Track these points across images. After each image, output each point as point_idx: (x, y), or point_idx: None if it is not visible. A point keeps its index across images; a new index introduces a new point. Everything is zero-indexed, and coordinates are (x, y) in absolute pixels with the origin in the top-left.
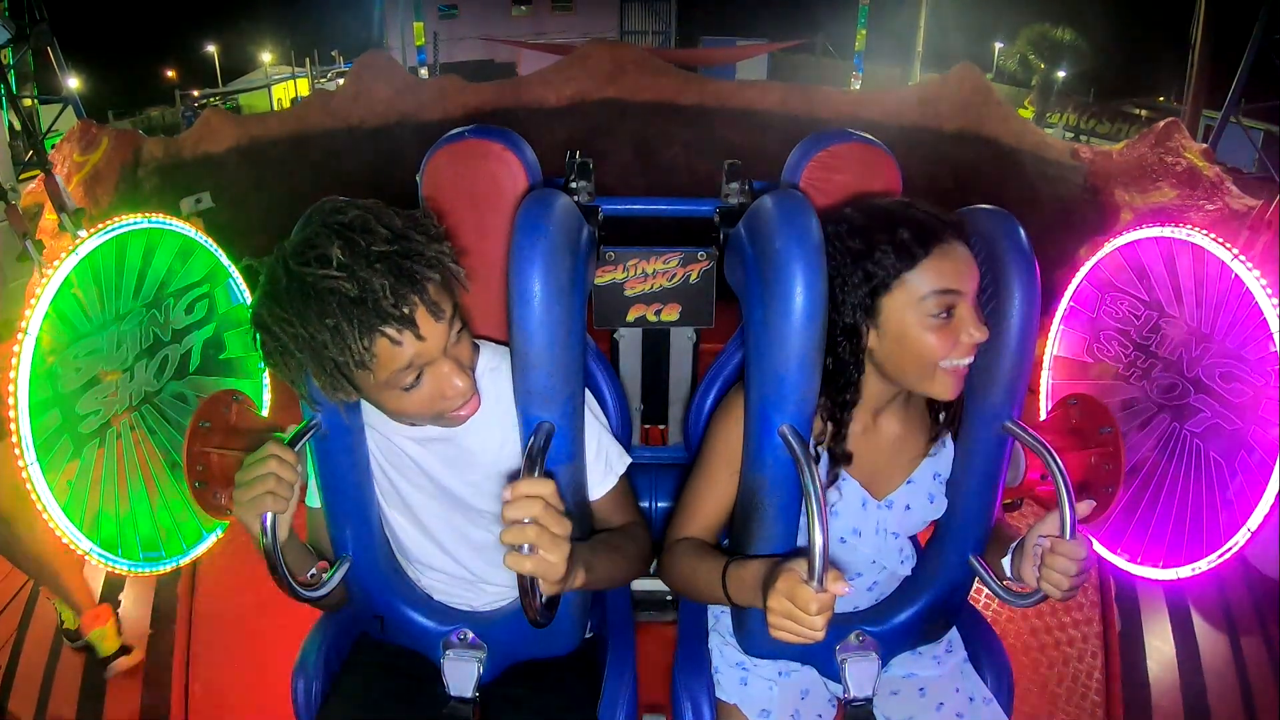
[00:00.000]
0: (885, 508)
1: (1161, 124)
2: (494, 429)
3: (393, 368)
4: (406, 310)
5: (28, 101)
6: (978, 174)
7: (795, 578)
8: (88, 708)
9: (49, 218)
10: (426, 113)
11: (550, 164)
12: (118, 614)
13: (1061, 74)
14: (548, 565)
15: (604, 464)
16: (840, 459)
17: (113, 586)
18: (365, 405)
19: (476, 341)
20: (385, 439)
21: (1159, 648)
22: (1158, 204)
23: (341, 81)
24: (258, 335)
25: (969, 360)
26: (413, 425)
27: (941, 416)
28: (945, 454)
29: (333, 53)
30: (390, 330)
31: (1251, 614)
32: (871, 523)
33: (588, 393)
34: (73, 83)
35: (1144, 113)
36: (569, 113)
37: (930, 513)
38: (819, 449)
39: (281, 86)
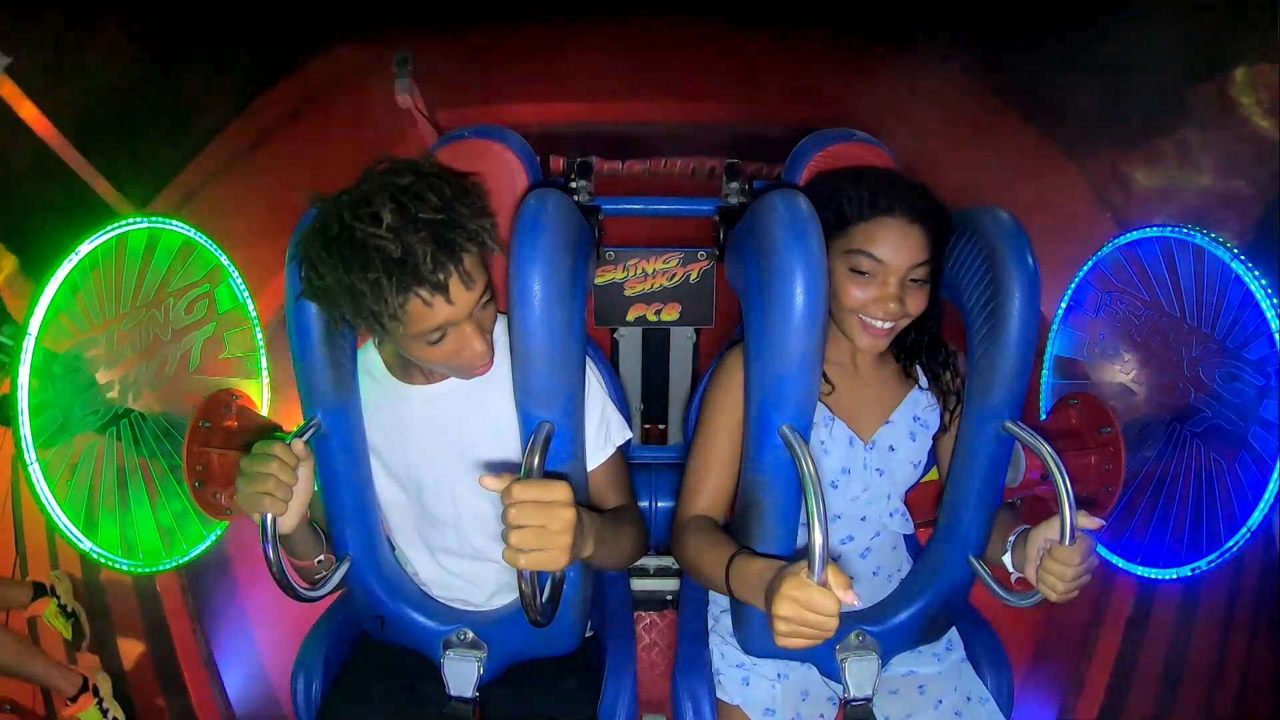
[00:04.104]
0: (870, 449)
1: None
2: (502, 391)
3: (422, 326)
4: (442, 277)
5: None
6: None
7: (799, 579)
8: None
9: None
10: None
11: None
12: (100, 697)
13: None
14: (548, 558)
15: (604, 434)
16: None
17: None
18: (365, 391)
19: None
20: (394, 398)
21: (1161, 642)
22: None
23: None
24: (301, 268)
25: (887, 324)
26: (429, 375)
27: (919, 369)
28: (923, 398)
29: None
30: (424, 293)
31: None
32: (859, 461)
33: (592, 364)
34: None
35: None
36: None
37: (915, 453)
38: None
39: None
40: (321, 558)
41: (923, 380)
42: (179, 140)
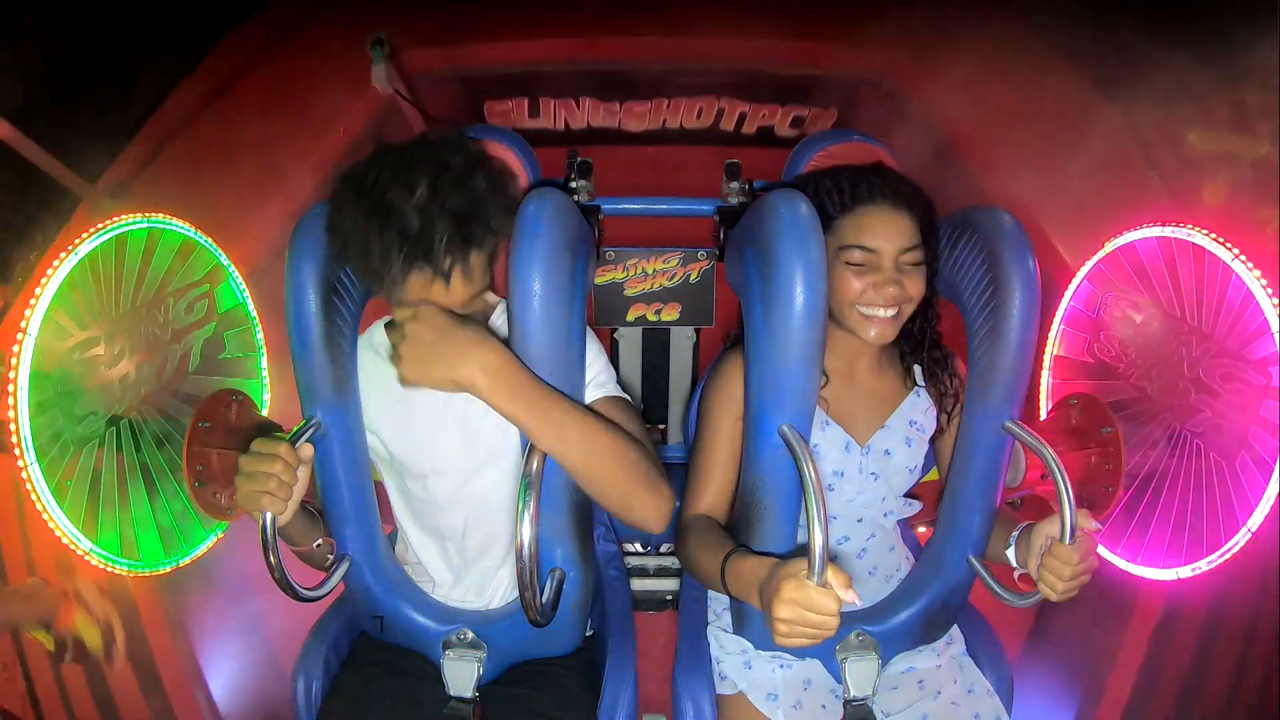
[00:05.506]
0: (866, 453)
1: None
2: None
3: (417, 298)
4: (448, 264)
5: None
6: None
7: (799, 581)
8: None
9: None
10: None
11: None
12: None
13: None
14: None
15: (597, 381)
16: None
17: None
18: (372, 369)
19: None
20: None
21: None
22: None
23: None
24: (329, 203)
25: (888, 311)
26: None
27: (917, 371)
28: (920, 403)
29: None
30: (426, 274)
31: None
32: (854, 465)
33: (592, 335)
34: None
35: None
36: None
37: (910, 459)
38: None
39: None
40: (320, 541)
41: (920, 383)
42: (125, 107)
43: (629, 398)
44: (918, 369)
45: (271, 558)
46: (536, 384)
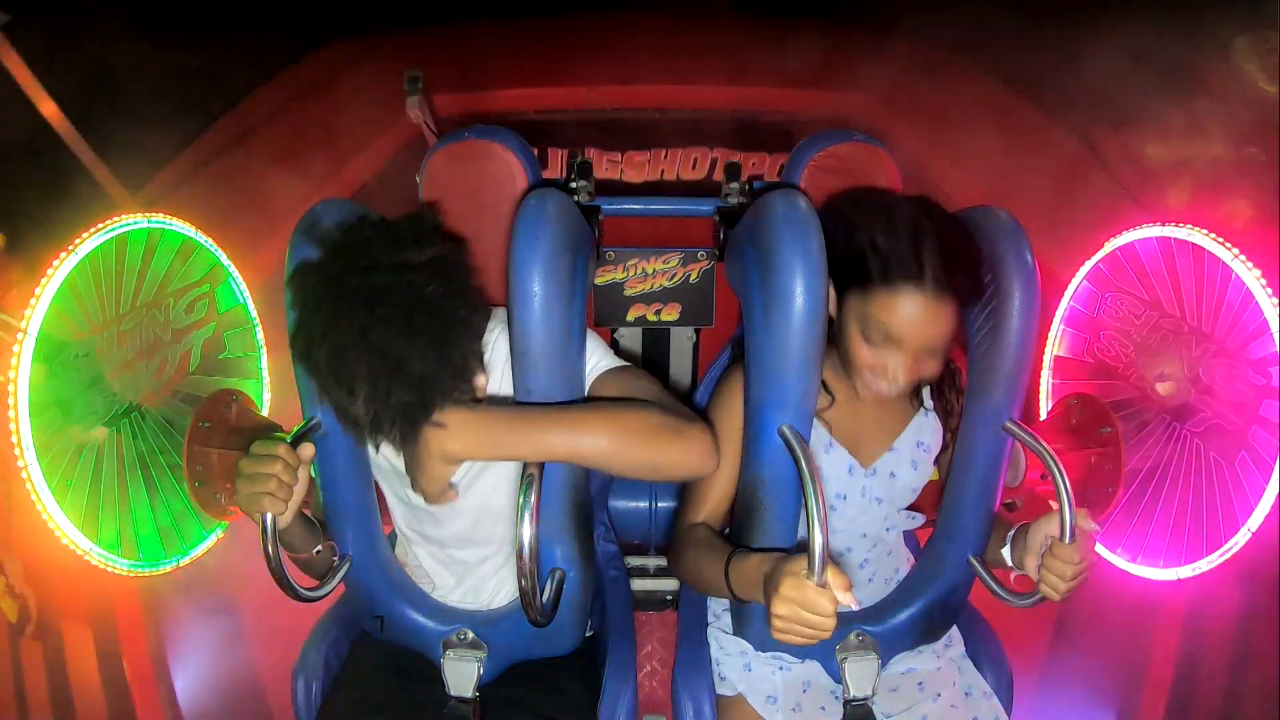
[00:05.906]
0: (870, 475)
1: None
2: (502, 378)
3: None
4: (412, 438)
5: None
6: None
7: (798, 580)
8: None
9: None
10: None
11: None
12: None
13: None
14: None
15: (595, 358)
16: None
17: None
18: None
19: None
20: None
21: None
22: None
23: None
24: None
25: (889, 390)
26: None
27: (925, 391)
28: (927, 423)
29: None
30: (390, 446)
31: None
32: (857, 488)
33: (592, 332)
34: None
35: None
36: None
37: (915, 480)
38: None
39: None
40: (320, 548)
41: (928, 403)
42: (175, 126)
43: (628, 363)
44: (925, 388)
45: (270, 550)
46: (503, 414)
